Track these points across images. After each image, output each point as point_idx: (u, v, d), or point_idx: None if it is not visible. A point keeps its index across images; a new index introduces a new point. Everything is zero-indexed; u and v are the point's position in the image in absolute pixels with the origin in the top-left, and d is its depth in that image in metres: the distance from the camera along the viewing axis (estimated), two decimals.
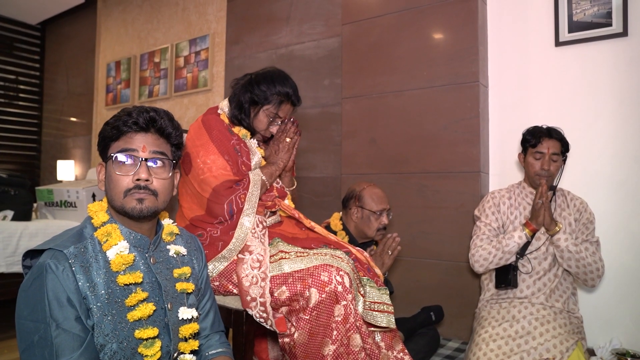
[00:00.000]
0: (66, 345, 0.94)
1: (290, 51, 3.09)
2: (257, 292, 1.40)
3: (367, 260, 1.59)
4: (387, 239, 1.87)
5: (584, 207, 1.89)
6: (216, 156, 1.55)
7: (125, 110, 1.09)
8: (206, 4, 3.76)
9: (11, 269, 2.47)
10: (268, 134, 1.70)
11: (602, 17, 2.12)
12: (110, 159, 1.06)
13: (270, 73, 1.67)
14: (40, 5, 4.72)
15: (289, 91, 1.65)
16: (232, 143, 1.60)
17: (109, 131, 1.07)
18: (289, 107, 1.68)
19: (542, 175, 1.85)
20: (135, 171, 1.04)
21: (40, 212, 3.26)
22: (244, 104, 1.64)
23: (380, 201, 1.97)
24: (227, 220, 1.52)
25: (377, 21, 2.60)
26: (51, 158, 5.10)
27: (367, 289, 1.46)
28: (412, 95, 2.47)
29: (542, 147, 1.85)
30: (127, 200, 1.05)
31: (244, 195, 1.53)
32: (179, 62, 3.90)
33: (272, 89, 1.62)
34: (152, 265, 1.12)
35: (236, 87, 1.70)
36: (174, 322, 1.13)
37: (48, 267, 0.96)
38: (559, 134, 1.87)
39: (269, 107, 1.63)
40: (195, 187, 1.56)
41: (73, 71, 4.96)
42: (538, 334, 1.68)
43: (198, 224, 1.56)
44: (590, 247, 1.81)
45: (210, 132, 1.59)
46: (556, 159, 1.85)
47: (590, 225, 1.86)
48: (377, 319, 1.41)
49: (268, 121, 1.66)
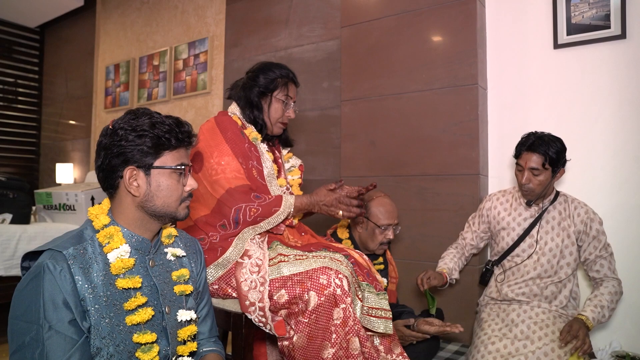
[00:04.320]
0: (58, 348, 0.93)
1: (289, 54, 3.09)
2: (256, 296, 1.39)
3: (368, 264, 1.59)
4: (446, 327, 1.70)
5: (589, 218, 1.80)
6: (231, 158, 1.54)
7: (169, 122, 1.10)
8: (205, 7, 3.76)
9: (9, 272, 2.47)
10: (286, 119, 1.73)
11: (600, 20, 2.12)
12: (164, 168, 1.09)
13: (263, 64, 1.73)
14: (39, 8, 4.73)
15: (289, 72, 1.73)
16: (246, 146, 1.61)
17: (165, 142, 1.08)
18: (294, 87, 1.75)
19: (522, 188, 1.81)
20: (187, 182, 1.14)
21: (39, 215, 3.25)
22: (253, 99, 1.68)
23: (388, 215, 1.90)
24: (230, 226, 1.50)
25: (376, 24, 2.60)
26: (50, 161, 5.09)
27: (366, 294, 1.46)
28: (411, 97, 2.47)
29: (522, 161, 1.80)
30: (182, 207, 1.14)
31: (255, 210, 1.49)
32: (178, 65, 3.90)
33: (274, 74, 1.69)
34: (150, 269, 1.12)
35: (237, 91, 1.73)
36: (172, 326, 1.12)
37: (46, 267, 0.96)
38: (544, 147, 1.74)
39: (278, 91, 1.69)
40: (206, 186, 1.54)
41: (72, 74, 4.96)
42: (537, 337, 1.67)
43: (202, 226, 1.55)
44: (604, 265, 1.78)
45: (225, 133, 1.59)
46: (537, 173, 1.76)
47: (602, 237, 1.79)
48: (374, 325, 1.41)
49: (282, 106, 1.70)
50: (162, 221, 1.13)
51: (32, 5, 4.65)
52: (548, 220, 1.84)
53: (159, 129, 1.07)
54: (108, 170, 1.07)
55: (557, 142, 1.78)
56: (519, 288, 1.81)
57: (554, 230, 1.82)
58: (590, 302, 1.72)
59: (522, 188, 1.81)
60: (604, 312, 1.70)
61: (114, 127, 1.07)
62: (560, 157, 1.77)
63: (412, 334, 1.74)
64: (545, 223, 1.84)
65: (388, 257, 2.04)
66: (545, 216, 1.85)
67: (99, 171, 1.09)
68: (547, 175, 1.77)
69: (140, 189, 1.07)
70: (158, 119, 1.09)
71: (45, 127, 5.28)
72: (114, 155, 1.05)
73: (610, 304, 1.72)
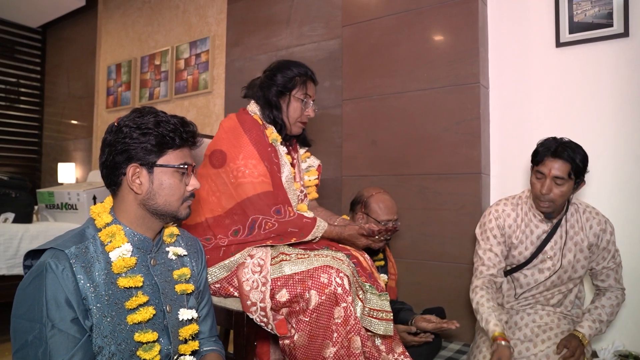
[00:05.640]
0: (61, 346, 0.94)
1: (291, 53, 3.09)
2: (257, 296, 1.39)
3: (370, 267, 1.58)
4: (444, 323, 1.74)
5: (602, 229, 1.69)
6: (257, 161, 1.52)
7: (174, 121, 1.10)
8: (206, 7, 3.76)
9: (12, 272, 2.47)
10: (305, 118, 1.70)
11: (603, 18, 2.11)
12: (167, 167, 1.09)
13: (281, 62, 1.70)
14: (41, 8, 4.73)
15: (307, 70, 1.69)
16: (269, 150, 1.59)
17: (169, 140, 1.08)
18: (312, 85, 1.71)
19: (541, 199, 1.63)
20: (190, 182, 1.14)
21: (41, 215, 3.25)
22: (271, 99, 1.64)
23: (387, 211, 1.91)
24: (243, 232, 1.47)
25: (377, 23, 2.60)
26: (52, 161, 5.10)
27: (369, 295, 1.45)
28: (413, 96, 2.47)
29: (544, 168, 1.61)
30: (183, 206, 1.14)
31: (272, 225, 1.46)
32: (179, 65, 3.90)
33: (292, 73, 1.65)
34: (151, 268, 1.12)
35: (255, 90, 1.70)
36: (174, 325, 1.13)
37: (48, 266, 0.96)
38: (571, 154, 1.58)
39: (297, 90, 1.66)
40: (227, 186, 1.52)
41: (74, 74, 4.97)
42: (540, 341, 1.65)
43: (211, 227, 1.52)
44: (610, 276, 1.72)
45: (250, 134, 1.56)
46: (561, 182, 1.58)
47: (612, 247, 1.70)
48: (374, 326, 1.41)
49: (301, 105, 1.67)
50: (163, 220, 1.13)
51: (33, 6, 4.66)
52: (561, 235, 1.71)
53: (163, 128, 1.07)
54: (111, 167, 1.07)
55: (582, 149, 1.63)
56: (525, 300, 1.77)
57: (566, 246, 1.71)
58: (589, 316, 1.67)
59: (541, 199, 1.63)
60: (601, 327, 1.66)
61: (119, 125, 1.07)
62: (586, 167, 1.62)
63: (414, 340, 1.74)
64: (559, 238, 1.71)
65: (387, 254, 2.05)
66: (559, 231, 1.72)
67: (102, 167, 1.10)
68: (569, 186, 1.61)
69: (143, 186, 1.08)
70: (163, 117, 1.09)
71: (47, 126, 5.28)
72: (118, 152, 1.06)
73: (609, 317, 1.69)
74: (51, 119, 5.23)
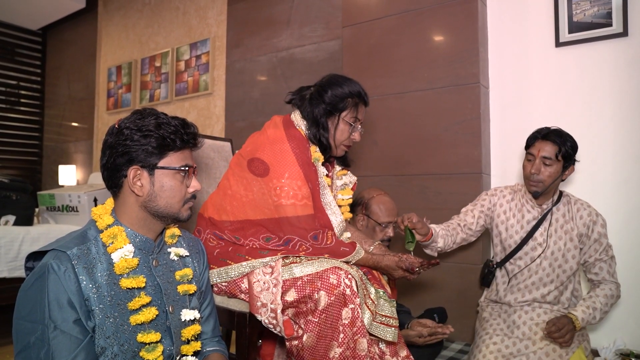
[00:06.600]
0: (63, 347, 0.94)
1: (291, 54, 3.10)
2: (268, 298, 1.38)
3: (379, 275, 1.58)
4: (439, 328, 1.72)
5: (592, 221, 1.74)
6: (302, 183, 1.45)
7: (175, 123, 1.10)
8: (207, 8, 3.77)
9: (13, 274, 2.47)
10: (350, 142, 1.60)
11: (602, 18, 2.12)
12: (168, 169, 1.09)
13: (333, 77, 1.59)
14: (41, 10, 4.74)
15: (360, 90, 1.58)
16: (313, 170, 1.53)
17: (170, 142, 1.08)
18: (363, 108, 1.61)
19: (531, 179, 1.72)
20: (191, 183, 1.14)
21: (42, 217, 3.26)
22: (319, 119, 1.54)
23: (388, 213, 1.91)
24: (275, 240, 1.44)
25: (378, 23, 2.60)
26: (53, 163, 5.11)
27: (381, 301, 1.45)
28: (413, 97, 2.47)
29: (534, 149, 1.73)
30: (184, 208, 1.14)
31: (305, 249, 1.42)
32: (179, 66, 3.91)
33: (344, 92, 1.54)
34: (154, 269, 1.12)
35: (304, 103, 1.59)
36: (176, 325, 1.13)
37: (50, 267, 0.96)
38: (559, 137, 1.70)
39: (347, 113, 1.55)
40: (267, 198, 1.46)
41: (74, 76, 4.98)
42: (538, 338, 1.67)
43: (236, 228, 1.48)
44: (603, 268, 1.73)
45: (297, 153, 1.48)
46: (549, 163, 1.69)
47: (604, 240, 1.74)
48: (385, 333, 1.40)
49: (349, 128, 1.57)
50: (164, 221, 1.14)
51: (34, 8, 4.66)
52: (552, 223, 1.78)
53: (164, 130, 1.07)
54: (112, 169, 1.07)
55: (572, 137, 1.73)
56: (522, 296, 1.79)
57: (556, 234, 1.77)
58: (583, 302, 1.69)
59: (530, 179, 1.73)
60: (595, 314, 1.66)
61: (120, 127, 1.07)
62: (574, 153, 1.72)
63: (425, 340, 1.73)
64: (548, 225, 1.78)
65: None
66: (549, 218, 1.79)
67: (103, 170, 1.10)
68: (557, 168, 1.71)
69: (144, 188, 1.08)
70: (164, 119, 1.09)
71: (48, 129, 5.29)
72: (119, 154, 1.06)
73: (603, 306, 1.68)
74: (52, 121, 5.24)
